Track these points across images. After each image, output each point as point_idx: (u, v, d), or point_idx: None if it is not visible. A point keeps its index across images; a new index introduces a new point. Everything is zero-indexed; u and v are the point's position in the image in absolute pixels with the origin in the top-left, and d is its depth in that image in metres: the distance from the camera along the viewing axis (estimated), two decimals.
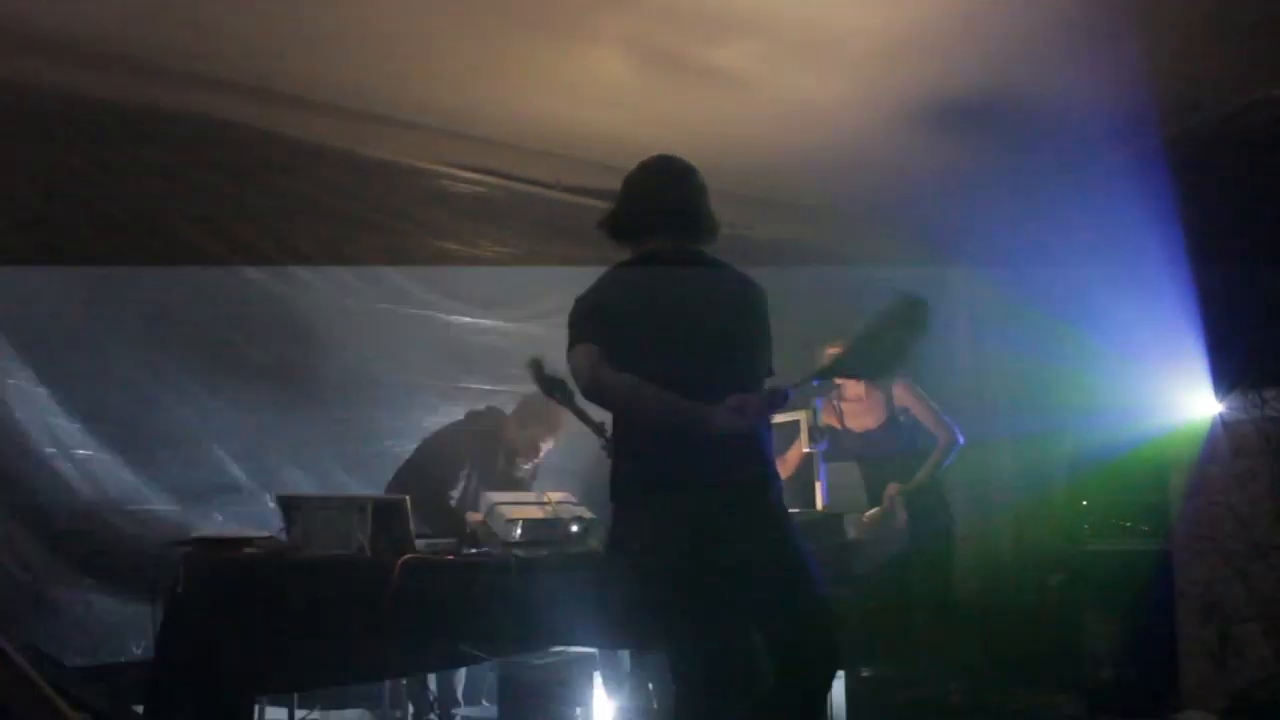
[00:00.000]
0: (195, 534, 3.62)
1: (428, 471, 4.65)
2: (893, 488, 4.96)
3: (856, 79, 4.80)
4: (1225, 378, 4.68)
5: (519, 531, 3.66)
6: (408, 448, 4.98)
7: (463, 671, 4.79)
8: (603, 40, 4.54)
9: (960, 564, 5.40)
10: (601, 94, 5.00)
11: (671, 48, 4.59)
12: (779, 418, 4.32)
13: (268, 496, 4.57)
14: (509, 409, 4.90)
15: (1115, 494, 5.49)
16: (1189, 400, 4.85)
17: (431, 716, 4.58)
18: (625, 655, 4.16)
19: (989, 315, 6.49)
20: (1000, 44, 4.48)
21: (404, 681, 4.48)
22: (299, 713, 4.26)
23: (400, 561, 3.25)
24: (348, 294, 5.17)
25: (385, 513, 3.47)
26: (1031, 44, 4.45)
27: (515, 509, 3.72)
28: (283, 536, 3.47)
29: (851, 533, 4.70)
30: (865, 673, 4.69)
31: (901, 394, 5.06)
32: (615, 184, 5.72)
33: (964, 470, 5.38)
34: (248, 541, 3.45)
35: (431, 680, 4.61)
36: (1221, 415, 4.62)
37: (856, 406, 5.21)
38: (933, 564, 5.09)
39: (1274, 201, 4.43)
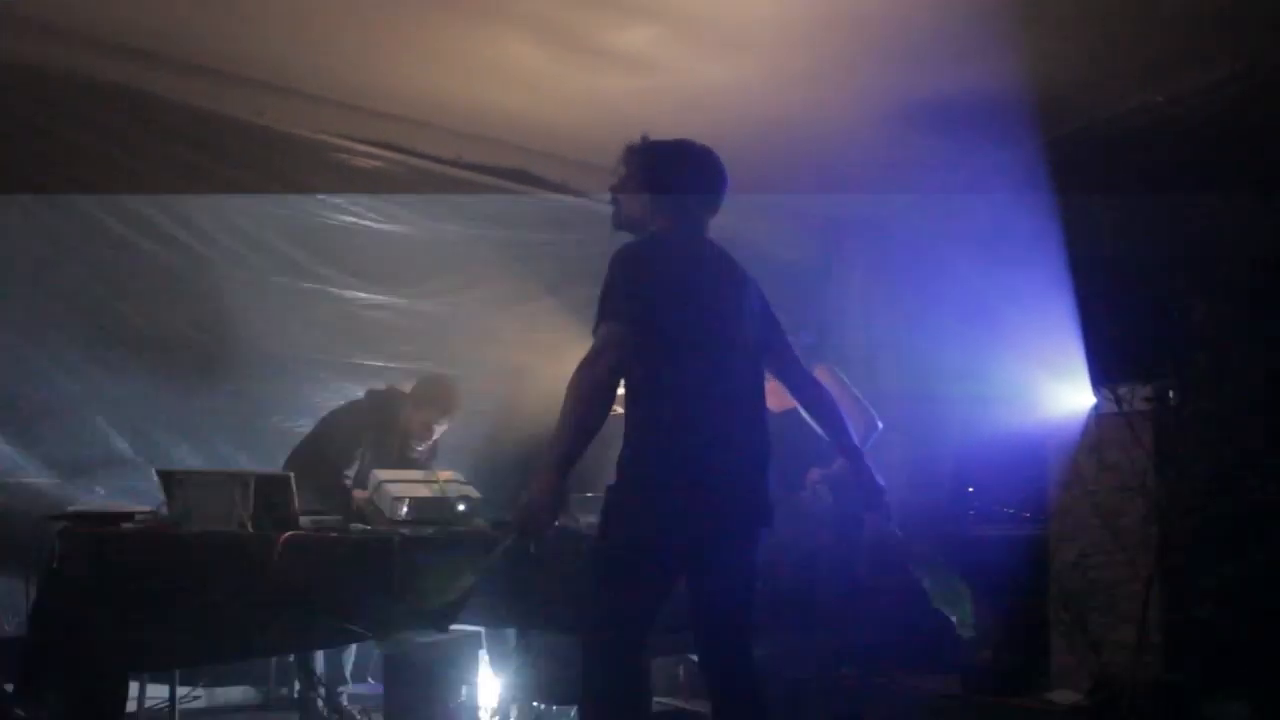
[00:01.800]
0: (72, 508, 3.54)
1: (323, 449, 4.61)
2: (815, 473, 5.01)
3: (759, 66, 4.85)
4: (1099, 372, 4.86)
5: (405, 510, 3.65)
6: (298, 423, 4.94)
7: (352, 649, 4.76)
8: (509, 21, 4.54)
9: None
10: (506, 74, 4.99)
11: (576, 30, 4.60)
12: None
13: (153, 470, 4.48)
14: (405, 386, 4.87)
15: (1000, 481, 5.65)
16: (1069, 393, 5.02)
17: (317, 694, 4.54)
18: (511, 633, 4.18)
19: (881, 308, 6.62)
20: (894, 39, 4.58)
21: (290, 659, 4.44)
22: (181, 690, 4.20)
23: (282, 539, 3.22)
24: (239, 265, 5.07)
25: (269, 489, 3.42)
26: (925, 40, 4.56)
27: (402, 487, 3.70)
28: (164, 511, 3.41)
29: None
30: (756, 651, 4.77)
31: (821, 375, 5.12)
32: (517, 162, 5.81)
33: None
34: (127, 516, 3.38)
35: (319, 658, 4.57)
36: (1095, 408, 4.79)
37: (775, 386, 5.25)
38: (843, 548, 5.17)
39: (1149, 204, 4.60)
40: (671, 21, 4.47)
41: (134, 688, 3.95)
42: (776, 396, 5.20)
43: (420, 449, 4.70)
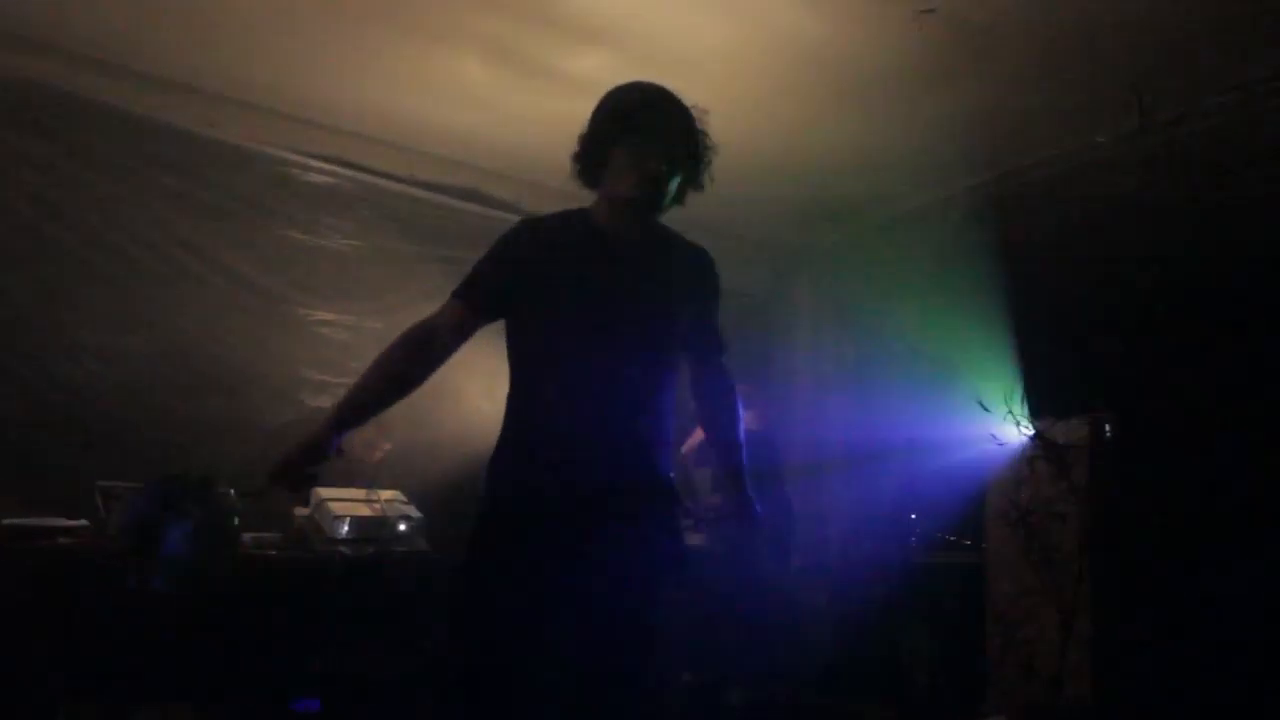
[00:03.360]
0: (3, 521, 3.50)
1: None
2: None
3: (708, 93, 4.89)
4: (1036, 405, 4.95)
5: (346, 529, 3.65)
6: (248, 441, 4.88)
7: None
8: (463, 43, 4.57)
9: (795, 573, 5.58)
10: (460, 94, 5.01)
11: (530, 55, 4.64)
12: None
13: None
14: None
15: (941, 509, 5.73)
16: (1007, 424, 5.11)
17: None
18: None
19: (829, 336, 6.72)
20: (845, 73, 4.67)
21: None
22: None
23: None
24: (187, 278, 5.03)
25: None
26: (873, 75, 4.65)
27: (343, 505, 3.71)
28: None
29: None
30: (687, 676, 4.81)
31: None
32: (471, 181, 5.81)
33: (802, 491, 5.57)
34: (63, 531, 3.36)
35: None
36: (1032, 439, 4.87)
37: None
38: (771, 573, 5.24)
39: (1085, 242, 4.71)
40: (622, 47, 4.52)
41: None
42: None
43: (365, 468, 4.70)
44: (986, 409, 4.88)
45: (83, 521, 3.52)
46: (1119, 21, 4.13)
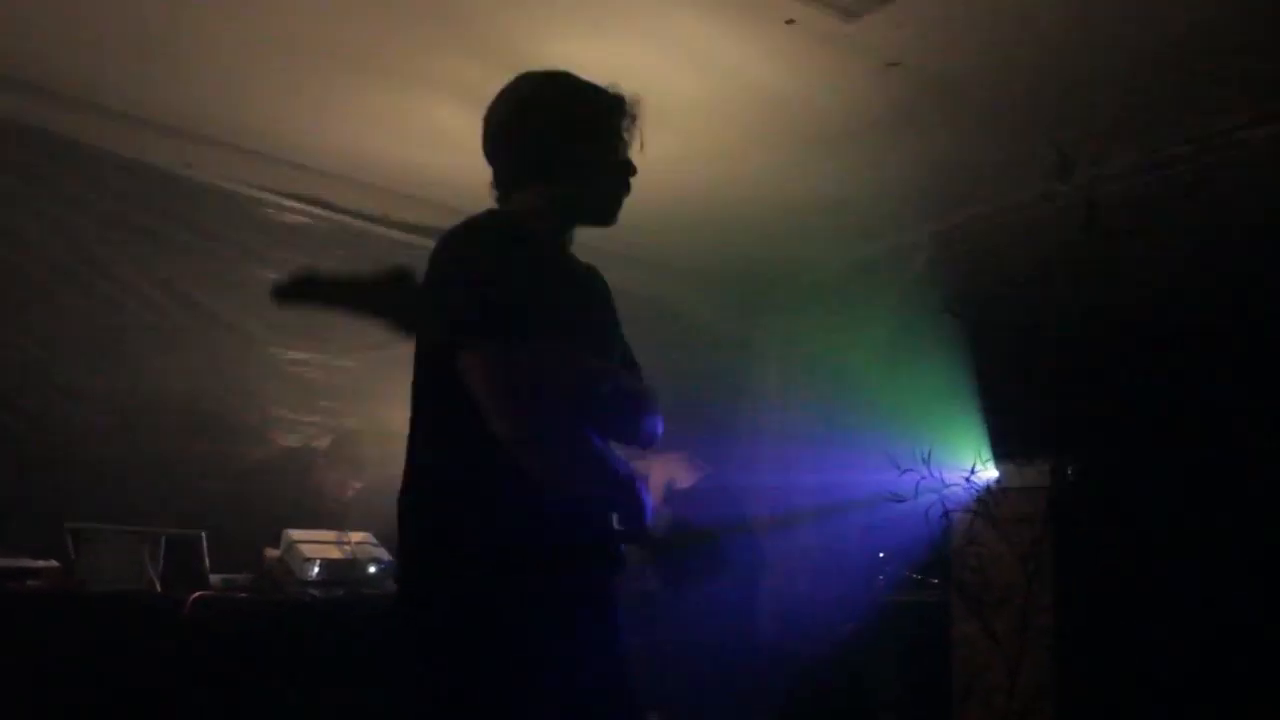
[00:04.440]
0: None
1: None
2: None
3: (676, 141, 5.00)
4: (1001, 446, 5.04)
5: (316, 570, 3.67)
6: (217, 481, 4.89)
7: None
8: (435, 88, 4.62)
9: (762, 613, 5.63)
10: (435, 137, 5.06)
11: None
12: None
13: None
14: (318, 443, 4.88)
15: (909, 548, 5.79)
16: (973, 465, 5.19)
17: None
18: None
19: (798, 377, 6.80)
20: (808, 124, 4.77)
21: None
22: None
23: (192, 598, 3.23)
24: (160, 316, 5.05)
25: (180, 547, 3.44)
26: (835, 125, 4.75)
27: (314, 548, 3.73)
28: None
29: None
30: (654, 717, 4.82)
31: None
32: (444, 221, 5.79)
33: (771, 539, 5.63)
34: (31, 573, 3.37)
35: None
36: (997, 481, 4.96)
37: (677, 459, 5.35)
38: (737, 611, 5.27)
39: (1048, 284, 4.81)
40: None
41: None
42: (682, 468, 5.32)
43: (335, 507, 4.73)
44: (953, 447, 4.96)
45: (52, 562, 3.52)
46: (1074, 80, 4.25)
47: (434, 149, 5.18)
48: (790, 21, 3.90)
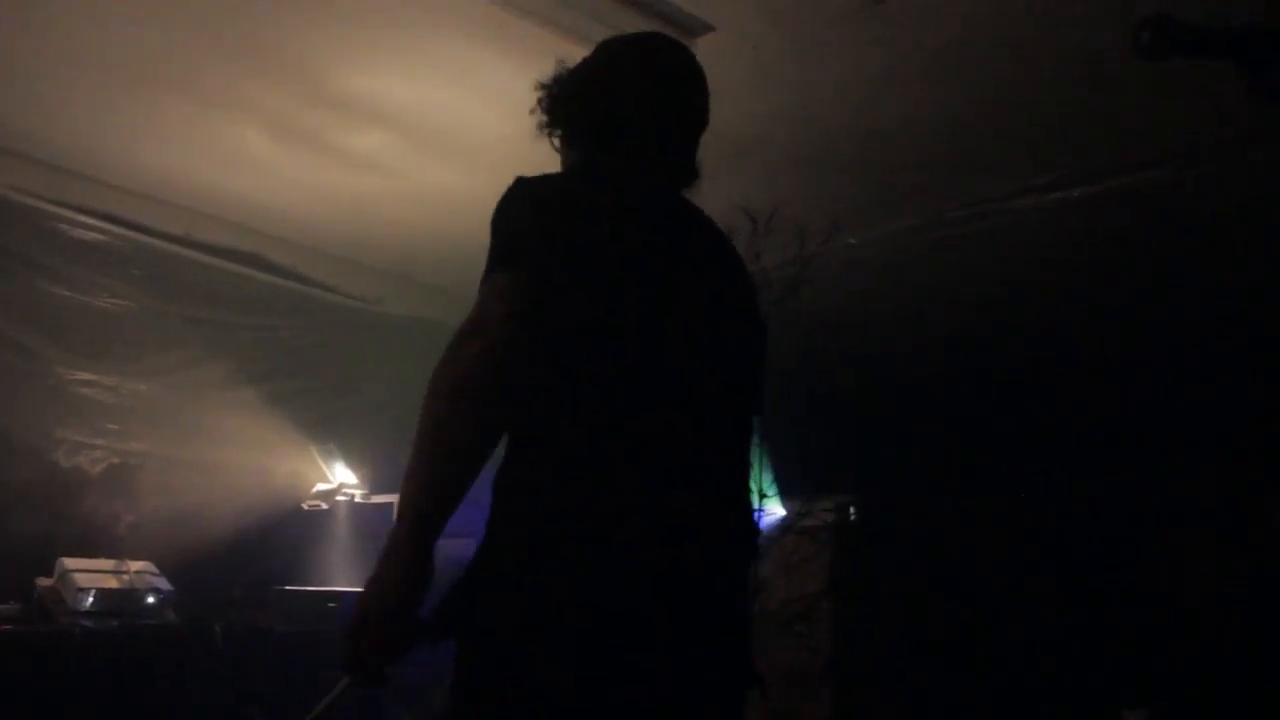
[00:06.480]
0: None
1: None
2: None
3: (491, 176, 5.03)
4: (790, 486, 5.28)
5: (90, 601, 3.56)
6: None
7: None
8: (243, 112, 4.57)
9: None
10: (239, 160, 4.99)
11: (309, 129, 4.69)
12: None
13: None
14: (93, 469, 4.73)
15: None
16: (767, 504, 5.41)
17: None
18: None
19: None
20: None
21: None
22: None
23: None
24: None
25: None
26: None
27: (88, 577, 3.62)
28: None
29: None
30: None
31: None
32: (248, 244, 5.78)
33: None
34: None
35: None
36: (784, 520, 5.19)
37: None
38: None
39: (838, 330, 5.08)
40: (403, 130, 4.63)
41: None
42: None
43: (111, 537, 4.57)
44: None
45: None
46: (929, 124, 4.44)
47: (239, 172, 5.11)
48: None
